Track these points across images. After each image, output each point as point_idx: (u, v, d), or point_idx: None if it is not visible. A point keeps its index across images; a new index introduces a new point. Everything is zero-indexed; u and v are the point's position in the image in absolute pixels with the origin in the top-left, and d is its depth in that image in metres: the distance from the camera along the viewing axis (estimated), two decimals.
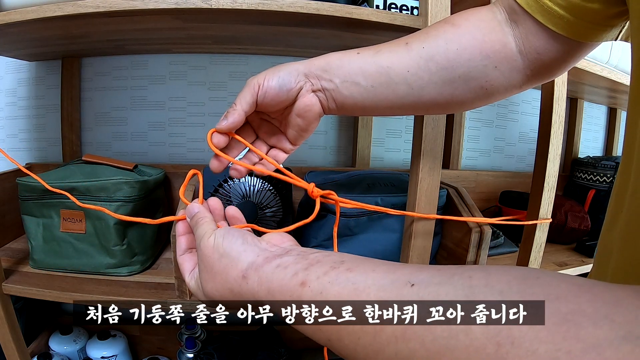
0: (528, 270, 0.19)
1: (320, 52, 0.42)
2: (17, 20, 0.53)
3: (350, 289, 0.23)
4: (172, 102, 0.99)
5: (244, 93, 0.38)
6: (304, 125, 0.41)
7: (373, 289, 0.22)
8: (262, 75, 0.38)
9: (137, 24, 0.65)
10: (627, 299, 0.15)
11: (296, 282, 0.26)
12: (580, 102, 1.19)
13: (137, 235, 0.70)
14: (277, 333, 0.97)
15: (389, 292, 0.21)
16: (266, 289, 0.27)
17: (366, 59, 0.39)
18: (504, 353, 0.15)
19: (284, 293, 0.26)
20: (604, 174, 1.02)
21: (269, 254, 0.30)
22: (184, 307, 0.62)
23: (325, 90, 0.40)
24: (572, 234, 0.92)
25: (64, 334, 0.93)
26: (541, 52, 0.37)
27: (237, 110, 0.38)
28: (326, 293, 0.24)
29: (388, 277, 0.23)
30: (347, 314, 0.22)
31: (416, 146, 0.58)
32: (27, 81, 0.97)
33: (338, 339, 0.23)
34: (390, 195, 0.69)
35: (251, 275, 0.29)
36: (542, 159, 0.66)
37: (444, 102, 0.40)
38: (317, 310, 0.24)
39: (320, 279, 0.25)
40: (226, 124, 0.38)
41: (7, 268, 0.69)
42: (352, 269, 0.25)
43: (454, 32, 0.39)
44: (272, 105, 0.39)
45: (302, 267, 0.26)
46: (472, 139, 1.14)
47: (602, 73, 0.73)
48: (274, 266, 0.28)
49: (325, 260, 0.26)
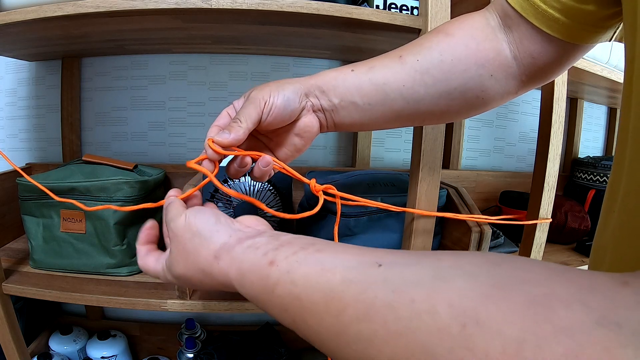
0: (505, 256, 0.18)
1: (320, 52, 0.42)
2: (17, 20, 0.53)
3: (317, 269, 0.23)
4: (172, 102, 0.99)
5: (248, 109, 0.36)
6: (300, 145, 0.41)
7: (340, 268, 0.22)
8: (267, 90, 0.37)
9: (137, 24, 0.65)
10: (603, 285, 0.14)
11: (265, 261, 0.26)
12: (580, 102, 1.19)
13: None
14: (277, 333, 0.97)
15: (356, 272, 0.21)
16: (237, 268, 0.27)
17: (361, 77, 0.38)
18: (469, 334, 0.15)
19: (254, 273, 0.26)
20: (604, 174, 1.02)
21: (241, 235, 0.30)
22: (184, 307, 0.62)
23: (325, 111, 0.39)
24: (572, 234, 0.92)
25: (64, 334, 0.93)
26: (536, 56, 0.37)
27: (243, 127, 0.35)
28: (293, 272, 0.24)
29: (356, 258, 0.22)
30: (312, 291, 0.22)
31: (416, 146, 0.58)
32: (27, 81, 0.97)
33: (302, 320, 0.23)
34: (390, 195, 0.69)
35: (223, 256, 0.29)
36: (542, 159, 0.66)
37: (440, 113, 0.40)
38: (285, 288, 0.24)
39: (289, 259, 0.25)
40: (229, 139, 0.35)
41: (7, 268, 0.69)
42: (321, 250, 0.25)
43: (447, 42, 0.38)
44: (274, 123, 0.37)
45: (272, 248, 0.26)
46: (472, 139, 1.14)
47: (602, 73, 0.73)
48: (245, 246, 0.28)
49: (296, 242, 0.26)
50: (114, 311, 1.07)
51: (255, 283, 0.26)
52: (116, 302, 0.62)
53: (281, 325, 1.14)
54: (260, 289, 0.26)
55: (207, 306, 0.61)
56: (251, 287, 0.26)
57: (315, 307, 0.22)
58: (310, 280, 0.23)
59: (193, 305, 0.61)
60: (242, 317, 1.08)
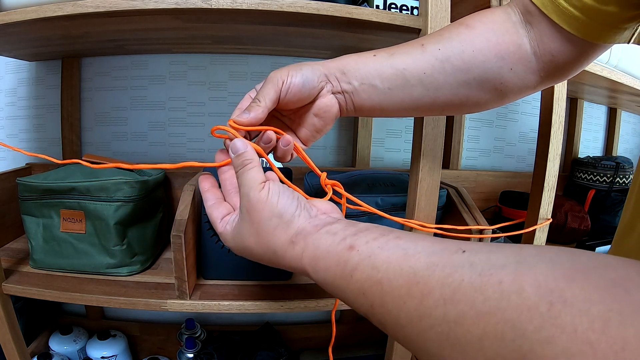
0: (577, 250, 0.19)
1: (320, 52, 0.42)
2: (17, 20, 0.53)
3: (400, 254, 0.23)
4: (172, 102, 0.99)
5: (267, 89, 0.37)
6: (319, 126, 0.41)
7: (423, 254, 0.22)
8: (285, 70, 0.37)
9: (137, 24, 0.65)
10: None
11: (344, 246, 0.26)
12: (580, 102, 1.19)
13: (137, 235, 0.70)
14: (277, 333, 0.97)
15: (440, 257, 0.22)
16: (311, 255, 0.28)
17: (382, 62, 0.39)
18: (557, 312, 0.15)
19: (330, 257, 0.26)
20: (604, 174, 1.02)
21: (318, 222, 0.30)
22: (184, 307, 0.62)
23: (344, 93, 0.40)
24: (572, 234, 0.92)
25: (64, 334, 0.93)
26: (555, 54, 0.38)
27: (262, 106, 0.36)
28: (375, 257, 0.24)
29: (438, 245, 0.23)
30: (394, 276, 0.22)
31: (416, 146, 0.58)
32: (27, 81, 0.97)
33: (381, 304, 0.23)
34: (390, 195, 0.69)
35: (299, 241, 0.29)
36: (542, 159, 0.66)
37: (459, 102, 0.41)
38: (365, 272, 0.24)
39: (370, 244, 0.25)
40: (248, 118, 0.35)
41: (7, 268, 0.69)
42: (401, 237, 0.25)
43: (468, 33, 0.39)
44: (292, 102, 0.38)
45: (350, 233, 0.27)
46: (472, 139, 1.14)
47: (602, 73, 0.73)
48: (323, 232, 0.28)
49: (374, 229, 0.27)
50: (114, 311, 1.07)
51: (331, 267, 0.26)
52: (116, 302, 0.62)
53: (281, 325, 1.14)
54: (337, 273, 0.26)
55: (207, 306, 0.61)
56: (326, 272, 0.27)
57: (397, 291, 0.22)
58: (392, 265, 0.23)
59: (193, 305, 0.61)
60: (242, 317, 1.08)
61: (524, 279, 0.17)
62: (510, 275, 0.18)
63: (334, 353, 0.55)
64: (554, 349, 0.14)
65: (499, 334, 0.17)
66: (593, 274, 0.16)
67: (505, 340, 0.16)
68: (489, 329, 0.17)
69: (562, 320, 0.15)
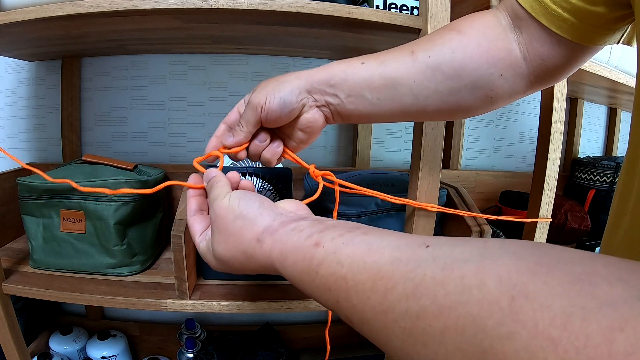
0: (542, 243, 0.19)
1: (320, 52, 0.42)
2: (17, 20, 0.53)
3: (365, 249, 0.23)
4: (172, 102, 0.99)
5: (247, 114, 0.40)
6: (305, 139, 0.42)
7: (388, 249, 0.22)
8: (264, 94, 0.39)
9: (137, 24, 0.65)
10: None
11: (310, 242, 0.26)
12: (580, 102, 1.19)
13: (137, 235, 0.70)
14: (277, 333, 0.97)
15: (404, 252, 0.22)
16: (279, 250, 0.28)
17: (371, 71, 0.39)
18: (518, 307, 0.15)
19: (297, 254, 0.27)
20: (604, 174, 1.02)
21: (284, 218, 0.30)
22: (184, 307, 0.62)
23: (329, 105, 0.40)
24: (572, 234, 0.92)
25: (64, 334, 0.93)
26: (545, 57, 0.37)
27: (244, 131, 0.40)
28: (339, 253, 0.24)
29: (403, 239, 0.23)
30: (359, 271, 0.22)
31: (416, 146, 0.58)
32: (27, 81, 0.97)
33: (346, 299, 0.23)
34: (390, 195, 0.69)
35: (266, 239, 0.29)
36: (542, 159, 0.66)
37: (449, 110, 0.40)
38: (330, 268, 0.24)
39: (335, 240, 0.25)
40: (232, 142, 0.41)
41: (7, 268, 0.69)
42: (367, 232, 0.25)
43: (459, 39, 0.38)
44: (274, 122, 0.40)
45: (317, 230, 0.27)
46: (472, 139, 1.14)
47: (602, 73, 0.73)
48: (289, 229, 0.28)
49: (341, 226, 0.27)
50: (114, 311, 1.07)
51: (298, 263, 0.26)
52: (116, 302, 0.62)
53: (281, 325, 1.14)
54: (303, 269, 0.26)
55: (207, 306, 0.61)
56: (293, 268, 0.27)
57: (362, 286, 0.22)
58: (357, 260, 0.23)
59: (193, 305, 0.61)
60: (242, 317, 1.08)
61: (486, 273, 0.17)
62: (472, 269, 0.18)
63: (334, 353, 0.55)
64: (514, 344, 0.14)
65: (460, 329, 0.16)
66: (558, 268, 0.16)
67: (465, 335, 0.16)
68: (449, 323, 0.17)
69: (523, 315, 0.15)
